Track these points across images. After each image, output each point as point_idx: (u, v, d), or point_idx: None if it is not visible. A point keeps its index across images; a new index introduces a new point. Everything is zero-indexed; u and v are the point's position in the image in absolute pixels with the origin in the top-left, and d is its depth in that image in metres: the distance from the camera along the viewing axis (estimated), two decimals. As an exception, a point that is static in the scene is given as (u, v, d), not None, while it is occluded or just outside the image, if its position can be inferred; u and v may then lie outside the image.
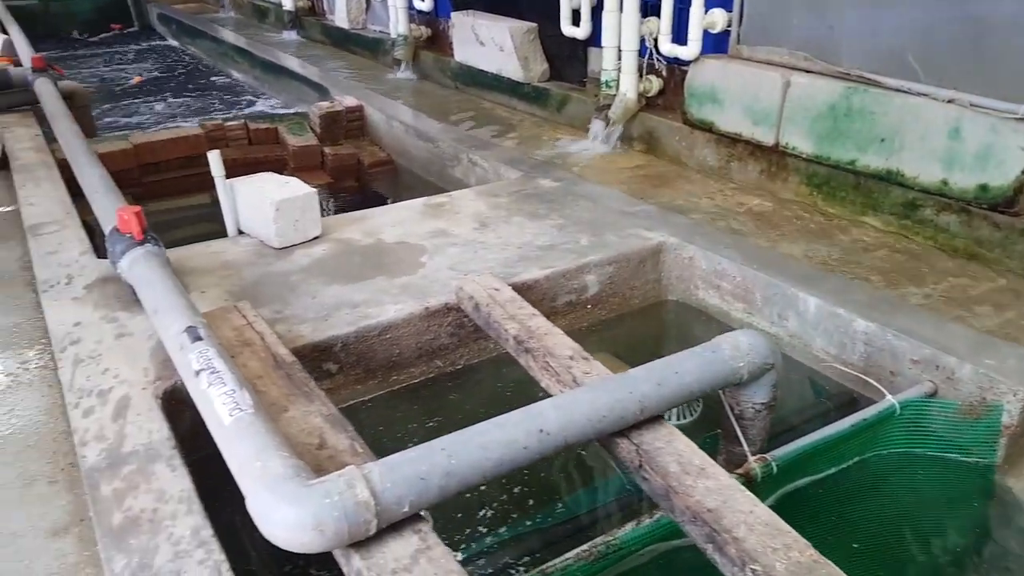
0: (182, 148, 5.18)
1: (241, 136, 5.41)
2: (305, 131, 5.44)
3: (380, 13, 8.25)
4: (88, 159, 3.63)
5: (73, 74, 8.71)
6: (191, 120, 6.90)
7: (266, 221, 3.11)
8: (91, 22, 10.86)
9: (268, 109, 7.10)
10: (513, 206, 3.59)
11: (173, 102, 7.33)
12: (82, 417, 2.12)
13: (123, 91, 7.72)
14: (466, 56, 6.49)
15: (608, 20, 4.84)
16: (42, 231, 3.36)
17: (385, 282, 2.86)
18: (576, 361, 2.11)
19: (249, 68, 8.00)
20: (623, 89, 4.87)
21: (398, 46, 7.25)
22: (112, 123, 6.65)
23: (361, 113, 5.57)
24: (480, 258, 3.03)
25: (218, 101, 7.33)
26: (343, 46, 8.63)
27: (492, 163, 4.35)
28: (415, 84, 7.00)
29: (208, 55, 9.24)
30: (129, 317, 2.62)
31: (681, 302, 3.18)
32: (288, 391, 2.01)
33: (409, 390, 2.71)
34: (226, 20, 10.87)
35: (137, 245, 2.60)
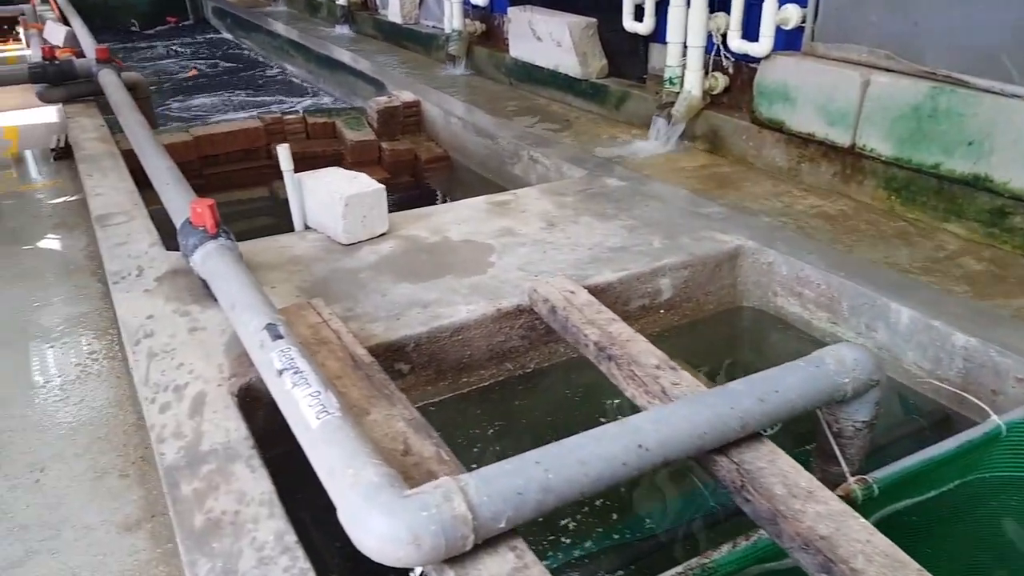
0: (241, 141, 5.20)
1: (299, 130, 5.41)
2: (362, 126, 5.42)
3: (434, 8, 8.22)
4: (155, 150, 3.64)
5: (130, 66, 8.86)
6: (246, 113, 6.94)
7: (334, 216, 3.07)
8: (148, 15, 11.04)
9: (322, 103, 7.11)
10: (580, 205, 3.50)
11: (228, 95, 7.40)
12: (159, 413, 2.09)
13: (179, 83, 7.81)
14: (521, 52, 6.41)
15: (674, 15, 4.72)
16: (110, 222, 3.37)
17: (454, 281, 2.79)
18: (663, 370, 2.02)
19: (304, 62, 8.04)
20: (687, 86, 4.75)
21: (452, 41, 7.20)
22: (169, 115, 6.72)
23: (418, 108, 5.54)
24: (550, 259, 2.95)
25: (273, 94, 7.38)
26: (395, 41, 8.62)
27: (554, 161, 4.27)
28: (469, 80, 6.94)
29: (262, 49, 9.31)
30: (201, 311, 2.60)
31: (757, 309, 3.06)
32: (368, 393, 1.96)
33: (478, 393, 2.65)
34: (278, 14, 10.96)
35: (211, 239, 2.58)
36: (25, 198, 4.60)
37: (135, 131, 4.04)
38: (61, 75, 5.24)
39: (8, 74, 5.16)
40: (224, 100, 7.14)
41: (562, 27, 5.78)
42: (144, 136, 3.90)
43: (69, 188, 4.71)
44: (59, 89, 5.33)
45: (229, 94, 7.31)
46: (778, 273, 2.94)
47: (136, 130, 4.04)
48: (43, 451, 2.49)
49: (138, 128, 4.05)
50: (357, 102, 6.83)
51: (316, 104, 7.02)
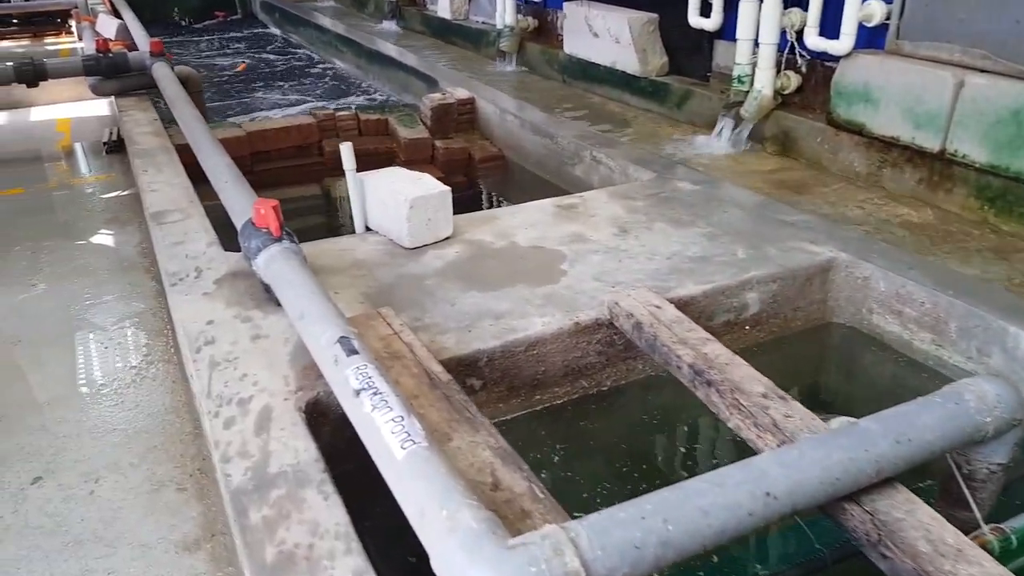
0: (294, 137, 5.10)
1: (352, 127, 5.30)
2: (416, 123, 5.28)
3: (484, 4, 8.06)
4: (213, 146, 3.53)
5: (179, 60, 8.85)
6: (296, 109, 6.86)
7: (398, 219, 2.93)
8: (196, 8, 11.07)
9: (370, 99, 7.00)
10: (652, 210, 3.31)
11: (277, 90, 7.33)
12: (223, 429, 1.96)
13: (228, 78, 7.77)
14: (577, 48, 6.23)
15: (745, 11, 4.49)
16: (166, 219, 3.27)
17: (527, 291, 2.63)
18: (772, 400, 1.83)
19: (353, 57, 7.94)
20: (758, 85, 4.52)
21: (504, 37, 7.04)
22: (218, 109, 6.67)
23: (472, 106, 5.39)
24: (626, 268, 2.77)
25: (322, 90, 7.29)
26: (444, 37, 8.49)
27: (619, 162, 4.08)
28: (520, 77, 6.78)
29: (311, 44, 9.25)
30: (263, 317, 2.47)
31: (849, 326, 2.85)
32: (449, 416, 1.80)
33: (551, 412, 2.49)
34: (325, 9, 10.91)
35: (275, 241, 2.45)
36: (77, 192, 4.55)
37: (191, 126, 3.95)
38: (114, 68, 5.20)
39: (62, 66, 5.13)
40: (273, 95, 7.07)
41: (621, 23, 5.59)
42: (201, 131, 3.80)
43: (121, 182, 4.65)
44: (112, 82, 5.29)
45: (278, 89, 7.24)
46: (875, 289, 2.72)
47: (192, 125, 3.94)
48: (97, 459, 2.38)
49: (194, 123, 3.96)
50: (408, 99, 6.71)
51: (367, 100, 6.91)
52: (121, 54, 5.20)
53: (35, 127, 5.93)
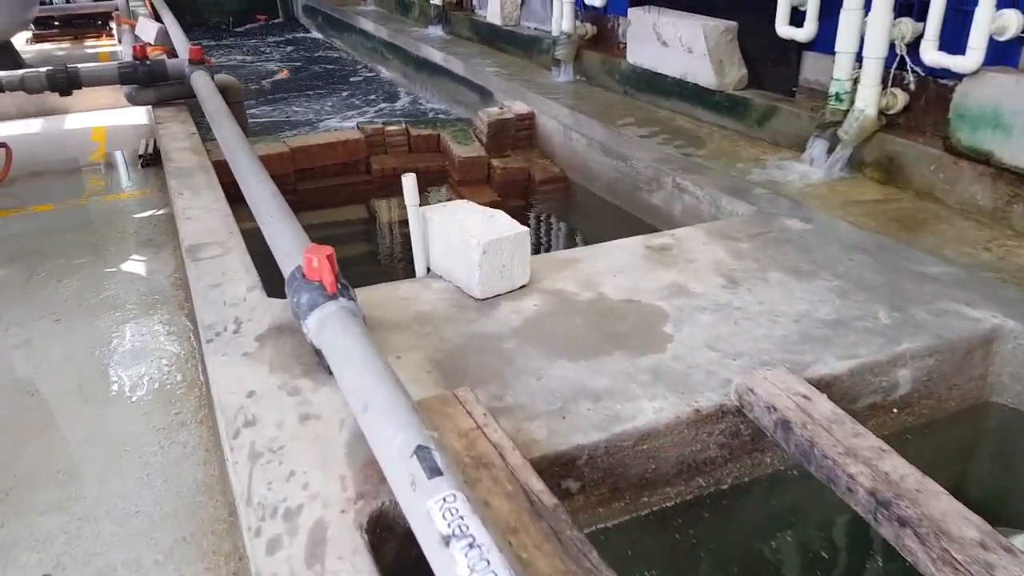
0: (340, 153, 4.71)
1: (401, 142, 4.90)
2: (470, 140, 4.86)
3: (537, 9, 7.63)
4: (256, 171, 3.14)
5: (220, 65, 8.57)
6: (339, 117, 6.49)
7: (467, 265, 2.49)
8: (238, 12, 10.82)
9: (417, 110, 6.60)
10: (762, 255, 2.83)
11: (320, 98, 6.97)
12: (266, 555, 1.54)
13: (271, 84, 7.44)
14: (642, 57, 5.76)
15: (847, 21, 3.99)
16: (203, 254, 2.88)
17: (626, 361, 2.18)
18: (995, 553, 1.35)
19: (399, 65, 7.56)
20: (860, 104, 4.01)
21: (560, 45, 6.60)
22: (259, 118, 6.32)
23: (532, 121, 4.95)
24: (745, 333, 2.30)
25: (367, 99, 6.91)
26: (492, 44, 8.08)
27: (708, 191, 3.61)
28: (577, 87, 6.34)
29: (354, 49, 8.90)
30: (313, 389, 2.05)
31: (1013, 408, 2.34)
32: (561, 564, 1.35)
33: (658, 516, 2.03)
34: (368, 13, 10.59)
35: (329, 299, 2.03)
36: (111, 209, 4.21)
37: (232, 146, 3.56)
38: (151, 76, 4.87)
39: (98, 74, 4.81)
40: (316, 104, 6.70)
41: (696, 31, 5.11)
42: (243, 153, 3.42)
43: (157, 200, 4.30)
44: (149, 91, 4.96)
45: (321, 97, 6.88)
46: (1054, 367, 2.22)
47: (233, 145, 3.56)
48: (116, 553, 1.99)
49: (235, 142, 3.58)
50: (459, 111, 6.30)
51: (413, 109, 6.51)
52: (159, 62, 4.87)
53: (70, 136, 5.64)
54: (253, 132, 5.70)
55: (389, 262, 4.09)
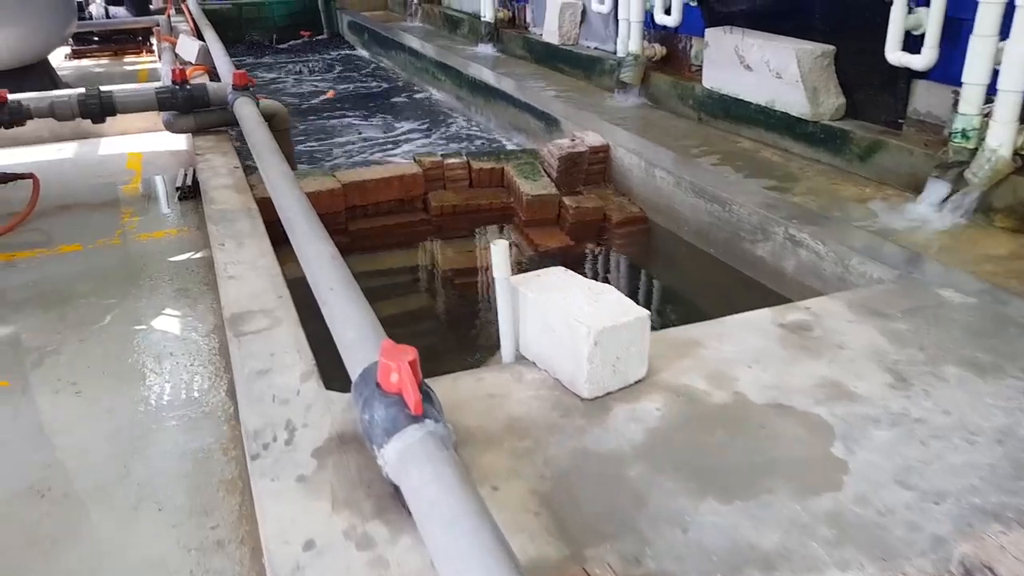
0: (395, 189, 4.27)
1: (462, 176, 4.44)
2: (538, 174, 4.38)
3: (598, 28, 7.17)
4: (310, 226, 2.67)
5: (263, 85, 8.23)
6: (387, 143, 6.06)
7: (573, 356, 2.00)
8: (281, 28, 10.52)
9: (473, 136, 6.14)
10: (927, 340, 2.30)
11: (368, 122, 6.55)
12: None
13: (315, 107, 7.05)
14: (720, 82, 5.25)
15: (979, 48, 3.45)
16: (247, 327, 2.42)
17: (795, 503, 1.66)
18: None
19: (452, 86, 7.12)
20: (992, 143, 3.46)
21: (626, 66, 6.12)
22: (304, 142, 5.92)
23: (606, 154, 4.46)
24: (939, 459, 1.77)
25: (417, 123, 6.47)
26: (548, 63, 7.63)
27: (832, 247, 3.07)
28: (644, 112, 5.85)
29: (403, 69, 8.50)
30: (389, 538, 1.57)
31: None
32: None
33: None
34: (414, 29, 10.22)
35: (413, 421, 1.55)
36: (144, 251, 3.81)
37: (281, 190, 3.11)
38: (191, 102, 4.48)
39: (134, 99, 4.43)
40: (364, 128, 6.28)
41: (787, 55, 4.59)
42: (293, 200, 2.96)
43: (195, 240, 3.89)
44: (188, 118, 4.57)
45: (369, 121, 6.46)
46: None
47: (282, 188, 3.12)
48: None
49: (283, 184, 3.13)
50: (517, 137, 5.83)
51: (468, 136, 6.06)
52: (200, 87, 4.47)
53: (104, 162, 5.29)
54: (299, 158, 5.30)
55: (455, 325, 3.61)
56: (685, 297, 3.82)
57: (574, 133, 4.55)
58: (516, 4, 8.66)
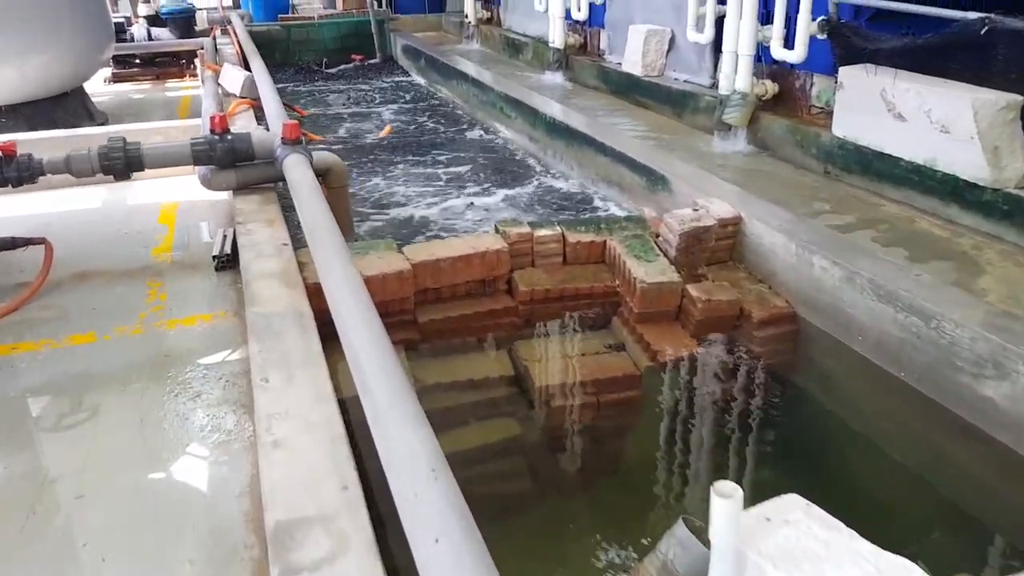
0: (476, 268, 3.45)
1: (555, 251, 3.60)
2: (649, 250, 3.52)
3: (688, 58, 6.30)
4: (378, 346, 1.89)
5: (312, 117, 7.53)
6: (453, 195, 5.25)
7: None
8: (331, 51, 9.84)
9: (554, 188, 5.30)
10: None
11: (429, 167, 5.75)
12: None
13: (370, 147, 6.29)
14: (858, 130, 4.36)
15: None
16: (299, 552, 1.60)
17: None
18: None
19: (523, 124, 6.30)
20: None
21: (731, 106, 5.24)
22: (357, 194, 5.14)
23: (736, 228, 3.58)
24: None
25: (485, 170, 5.65)
26: (628, 96, 6.78)
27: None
28: (754, 161, 4.99)
29: (464, 100, 7.72)
30: None
31: None
32: None
33: None
34: (471, 53, 9.46)
35: None
36: (170, 346, 3.04)
37: (337, 290, 2.32)
38: (232, 155, 3.73)
39: (164, 153, 3.69)
40: (424, 176, 5.48)
41: (958, 105, 3.71)
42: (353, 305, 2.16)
43: (232, 333, 3.12)
44: (229, 173, 3.82)
45: (430, 166, 5.66)
46: None
47: (338, 286, 2.32)
48: None
49: (343, 277, 2.33)
50: (604, 188, 4.98)
51: (549, 188, 5.22)
52: (243, 138, 3.72)
53: (133, 215, 4.57)
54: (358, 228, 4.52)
55: (556, 480, 2.70)
56: (860, 433, 2.91)
57: (697, 201, 3.68)
58: (588, 29, 7.85)
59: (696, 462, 2.88)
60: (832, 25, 4.70)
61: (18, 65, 5.87)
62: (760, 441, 2.96)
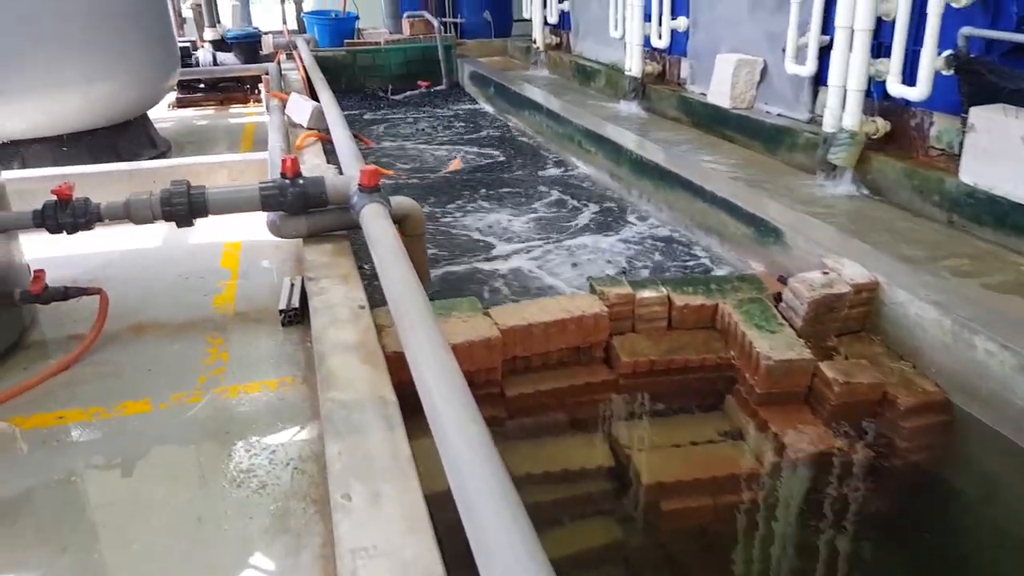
0: (571, 335, 3.04)
1: (658, 316, 3.18)
2: (772, 319, 3.07)
3: (782, 89, 5.83)
4: (481, 461, 1.52)
5: (379, 148, 7.27)
6: (533, 242, 4.87)
7: None
8: (397, 77, 9.63)
9: (642, 234, 4.87)
10: None
11: (502, 208, 5.38)
12: None
13: (437, 182, 5.97)
14: (994, 179, 3.85)
15: None
16: None
17: None
18: None
19: (607, 162, 5.90)
20: None
21: (839, 145, 4.78)
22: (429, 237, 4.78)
23: (871, 295, 3.10)
24: None
25: (563, 211, 5.26)
26: (713, 129, 6.34)
27: None
28: (864, 207, 4.51)
29: (537, 132, 7.36)
30: None
31: None
32: None
33: None
34: (537, 80, 9.13)
35: None
36: (231, 418, 2.71)
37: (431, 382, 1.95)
38: (304, 201, 3.41)
39: (230, 198, 3.40)
40: (497, 219, 5.10)
41: None
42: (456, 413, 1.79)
43: (301, 403, 2.77)
44: (299, 220, 3.51)
45: (502, 206, 5.29)
46: None
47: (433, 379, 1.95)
48: None
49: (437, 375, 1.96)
50: (701, 235, 4.53)
51: (644, 236, 4.79)
52: (315, 182, 3.40)
53: (195, 255, 4.32)
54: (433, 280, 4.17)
55: None
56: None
57: (825, 262, 3.22)
58: (668, 57, 7.44)
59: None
60: (961, 60, 4.19)
61: (83, 92, 5.72)
62: (909, 553, 2.47)
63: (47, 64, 5.49)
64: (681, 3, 6.99)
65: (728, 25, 6.39)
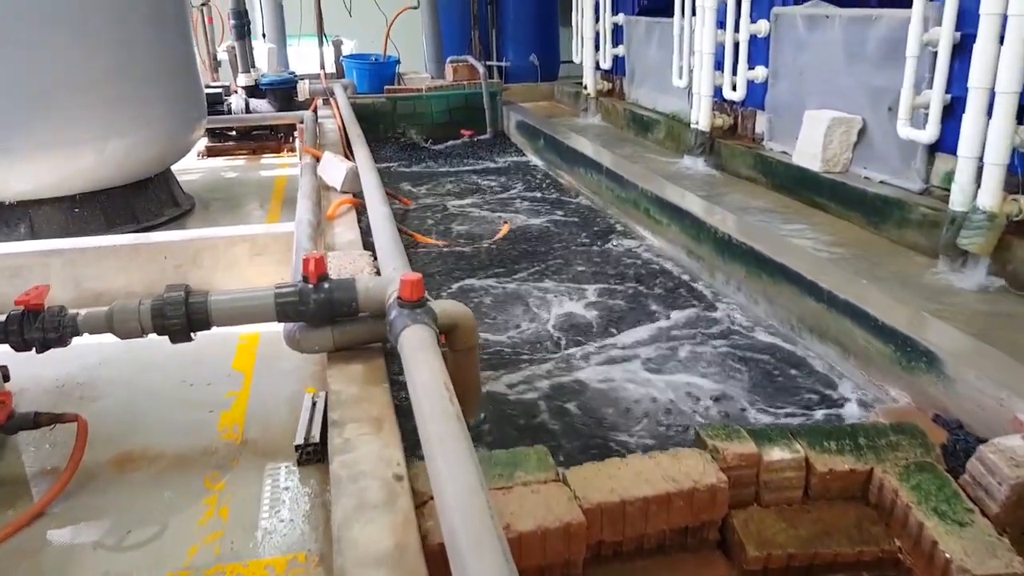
0: (676, 514, 2.25)
1: (793, 483, 2.37)
2: (953, 498, 2.25)
3: (885, 152, 5.03)
4: None
5: (416, 207, 6.60)
6: (613, 336, 4.12)
7: None
8: (439, 126, 9.03)
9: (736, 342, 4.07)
10: None
11: (562, 293, 4.62)
12: None
13: (482, 254, 5.24)
14: None
15: None
16: None
17: None
18: None
19: (682, 237, 5.11)
20: None
21: (974, 228, 3.98)
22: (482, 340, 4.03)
23: (1091, 466, 2.27)
24: None
25: (643, 303, 4.47)
26: (797, 194, 5.56)
27: None
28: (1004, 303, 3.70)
29: (594, 192, 6.63)
30: None
31: None
32: None
33: None
34: (588, 131, 8.45)
35: None
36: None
37: None
38: (330, 309, 2.71)
39: (239, 307, 2.70)
40: (563, 314, 4.31)
41: None
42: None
43: None
44: (324, 332, 2.79)
45: (568, 297, 4.52)
46: None
47: None
48: None
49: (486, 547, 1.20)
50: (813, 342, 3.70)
51: (730, 342, 3.99)
52: (344, 288, 2.69)
53: (202, 356, 3.63)
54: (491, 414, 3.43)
55: None
56: None
57: (1017, 417, 2.40)
58: (742, 109, 6.69)
59: None
60: None
61: (98, 149, 5.16)
62: None
63: (57, 119, 4.94)
64: (759, 51, 6.26)
65: (817, 77, 5.64)
